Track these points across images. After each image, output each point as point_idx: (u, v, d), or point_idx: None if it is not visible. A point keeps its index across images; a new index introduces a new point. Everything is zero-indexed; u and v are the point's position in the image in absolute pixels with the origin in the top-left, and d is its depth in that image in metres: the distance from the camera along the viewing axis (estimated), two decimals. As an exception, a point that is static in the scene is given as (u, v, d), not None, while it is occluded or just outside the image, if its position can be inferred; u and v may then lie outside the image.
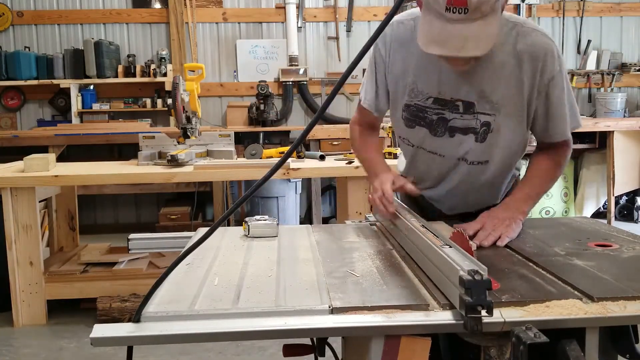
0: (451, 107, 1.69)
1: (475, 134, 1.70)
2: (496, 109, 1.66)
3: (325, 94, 6.53)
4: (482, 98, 1.66)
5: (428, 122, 1.74)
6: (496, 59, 1.61)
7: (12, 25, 6.39)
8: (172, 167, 3.73)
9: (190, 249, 1.22)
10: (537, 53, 1.61)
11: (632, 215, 6.32)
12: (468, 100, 1.67)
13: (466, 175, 1.78)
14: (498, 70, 1.62)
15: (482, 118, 1.67)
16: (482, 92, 1.65)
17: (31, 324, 3.65)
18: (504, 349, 1.12)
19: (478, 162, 1.74)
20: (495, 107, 1.66)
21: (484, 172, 1.77)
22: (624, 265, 1.40)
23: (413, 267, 1.41)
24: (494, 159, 1.74)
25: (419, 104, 1.73)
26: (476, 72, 1.62)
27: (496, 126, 1.67)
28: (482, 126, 1.68)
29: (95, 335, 1.09)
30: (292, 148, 1.16)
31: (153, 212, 6.45)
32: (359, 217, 3.11)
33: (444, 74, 1.66)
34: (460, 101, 1.68)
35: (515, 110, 1.66)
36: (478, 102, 1.66)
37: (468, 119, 1.69)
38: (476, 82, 1.64)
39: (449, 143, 1.73)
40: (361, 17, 6.54)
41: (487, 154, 1.73)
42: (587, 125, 5.86)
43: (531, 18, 6.56)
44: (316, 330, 1.14)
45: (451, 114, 1.70)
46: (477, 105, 1.67)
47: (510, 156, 1.76)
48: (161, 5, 6.46)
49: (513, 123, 1.68)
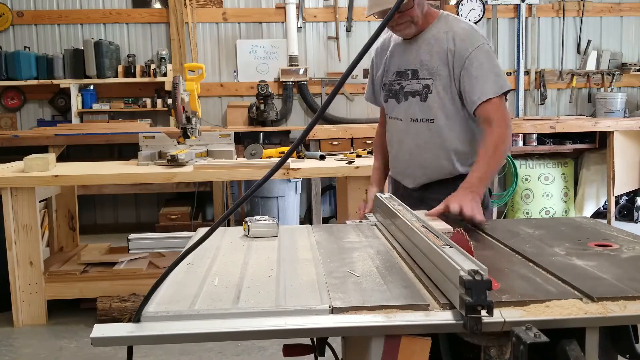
0: (404, 76, 2.23)
1: (419, 95, 2.19)
2: (433, 74, 2.15)
3: (325, 94, 6.53)
4: (422, 66, 2.17)
5: (394, 92, 2.28)
6: (432, 37, 2.16)
7: (12, 25, 6.39)
8: (172, 167, 3.73)
9: (190, 249, 1.22)
10: (460, 33, 2.11)
11: (632, 215, 6.32)
12: (413, 68, 2.20)
13: (417, 135, 2.21)
14: (433, 45, 2.15)
15: (423, 82, 2.18)
16: (421, 61, 2.18)
17: (31, 324, 3.65)
18: (504, 349, 1.12)
19: (425, 119, 2.19)
20: (432, 72, 2.15)
21: (432, 130, 2.18)
22: (624, 265, 1.40)
23: (413, 267, 1.41)
24: (438, 118, 2.17)
25: (390, 80, 2.30)
26: (418, 45, 2.19)
27: (434, 89, 2.15)
28: (424, 88, 2.17)
29: (95, 335, 1.09)
30: (292, 148, 1.16)
31: (153, 212, 6.45)
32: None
33: (401, 52, 2.25)
34: (410, 70, 2.22)
35: (445, 76, 2.13)
36: (420, 70, 2.18)
37: (414, 83, 2.20)
38: (418, 54, 2.19)
39: (405, 106, 2.24)
40: (361, 17, 6.53)
41: (431, 112, 2.17)
42: (587, 125, 5.86)
43: (531, 18, 6.57)
44: (316, 330, 1.14)
45: (405, 82, 2.23)
46: (420, 72, 2.19)
47: (449, 116, 2.16)
48: (161, 5, 6.46)
49: (445, 86, 2.13)
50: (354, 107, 6.64)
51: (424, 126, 2.19)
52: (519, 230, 1.79)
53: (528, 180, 6.09)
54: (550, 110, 6.79)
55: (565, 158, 6.21)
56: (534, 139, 6.00)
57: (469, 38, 2.10)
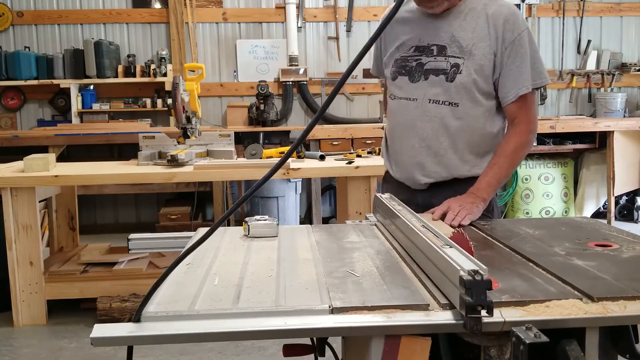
0: (427, 52, 1.97)
1: (445, 74, 1.93)
2: (465, 53, 1.91)
3: (325, 94, 6.53)
4: (453, 42, 1.92)
5: (408, 69, 2.00)
6: (468, 13, 1.92)
7: (12, 25, 6.39)
8: (172, 167, 3.73)
9: (190, 249, 1.22)
10: (506, 14, 1.90)
11: (632, 215, 6.32)
12: (441, 44, 1.94)
13: (435, 119, 1.96)
14: (469, 21, 1.91)
15: (452, 60, 1.93)
16: (452, 36, 1.93)
17: (31, 324, 3.65)
18: (504, 349, 1.12)
19: (448, 102, 1.94)
20: (465, 50, 1.91)
21: (455, 115, 1.94)
22: (624, 265, 1.40)
23: (413, 267, 1.41)
24: (463, 102, 1.93)
25: (404, 55, 2.02)
26: (448, 20, 1.94)
27: (465, 68, 1.91)
28: (452, 67, 1.92)
29: (95, 335, 1.09)
30: (292, 148, 1.16)
31: (153, 212, 6.45)
32: (359, 217, 3.11)
33: (423, 25, 1.98)
34: (435, 45, 1.95)
35: (481, 56, 1.90)
36: (449, 46, 1.93)
37: (440, 60, 1.94)
38: (448, 28, 1.93)
39: (423, 86, 1.97)
40: (361, 17, 6.54)
41: (457, 95, 1.93)
42: (587, 125, 5.86)
43: (531, 18, 6.57)
44: (316, 330, 1.14)
45: (427, 58, 1.97)
46: (449, 48, 1.93)
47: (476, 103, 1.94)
48: (161, 5, 6.46)
49: (478, 68, 1.90)
50: (354, 107, 6.64)
51: (445, 109, 1.94)
52: (519, 230, 1.79)
53: (528, 180, 6.09)
54: (550, 110, 6.79)
55: (565, 158, 6.21)
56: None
57: (514, 20, 1.89)
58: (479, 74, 1.91)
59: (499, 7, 1.92)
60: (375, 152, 4.04)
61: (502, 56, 1.89)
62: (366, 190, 3.70)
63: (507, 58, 1.89)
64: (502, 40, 1.88)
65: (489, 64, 1.90)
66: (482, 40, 1.89)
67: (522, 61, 1.89)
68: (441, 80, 1.94)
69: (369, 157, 4.00)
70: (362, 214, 3.55)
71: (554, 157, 6.17)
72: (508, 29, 1.88)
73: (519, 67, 1.89)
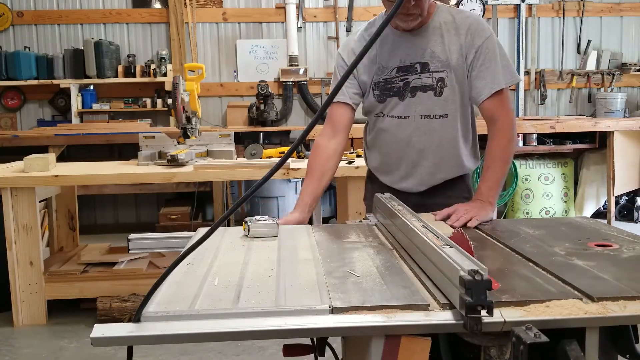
0: (411, 70, 2.06)
1: (433, 89, 2.06)
2: (446, 66, 2.03)
3: (325, 94, 6.52)
4: (433, 57, 2.04)
5: (396, 90, 2.09)
6: (439, 28, 2.04)
7: (12, 25, 6.39)
8: (172, 167, 3.73)
9: (190, 249, 1.22)
10: (471, 22, 2.03)
11: (632, 215, 6.32)
12: (422, 61, 2.05)
13: (430, 132, 2.08)
14: (442, 36, 2.04)
15: (436, 75, 2.04)
16: (432, 52, 2.04)
17: (31, 324, 3.65)
18: (504, 349, 1.12)
19: (439, 115, 2.07)
20: (445, 64, 2.03)
21: (446, 125, 2.08)
22: (624, 265, 1.40)
23: (413, 267, 1.41)
24: (452, 112, 2.07)
25: (387, 77, 2.10)
26: (425, 37, 2.05)
27: (449, 82, 2.04)
28: (438, 82, 2.05)
29: (95, 335, 1.09)
30: (292, 148, 1.16)
31: (153, 212, 6.44)
32: (359, 217, 3.11)
33: (401, 46, 2.07)
34: (418, 63, 2.06)
35: (459, 67, 2.03)
36: (431, 62, 2.04)
37: (425, 77, 2.05)
38: (426, 45, 2.05)
39: (413, 103, 2.08)
40: (361, 17, 6.53)
41: (446, 107, 2.06)
42: (587, 125, 5.86)
43: (531, 18, 6.57)
44: (316, 330, 1.14)
45: (412, 76, 2.06)
46: (431, 64, 2.04)
47: (462, 110, 2.08)
48: (161, 5, 6.46)
49: (459, 78, 2.04)
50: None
51: (437, 122, 2.08)
52: (519, 230, 1.79)
53: (528, 180, 6.09)
54: (550, 110, 6.79)
55: (565, 158, 6.21)
56: (534, 139, 6.00)
57: (480, 28, 2.03)
58: (460, 84, 2.05)
59: (465, 17, 2.06)
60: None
61: (473, 61, 2.02)
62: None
63: (477, 62, 2.01)
64: (471, 46, 2.01)
65: (464, 71, 2.04)
66: (455, 51, 2.02)
67: (492, 63, 2.01)
68: (430, 96, 2.06)
69: (369, 157, 4.00)
70: (362, 214, 3.54)
71: (554, 157, 6.17)
72: (476, 36, 2.01)
73: (489, 68, 2.01)
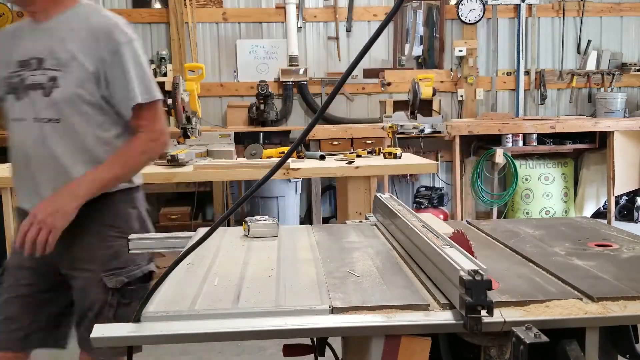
0: (27, 65, 1.85)
1: (42, 89, 1.81)
2: (62, 65, 1.80)
3: (325, 94, 6.53)
4: (51, 54, 1.82)
5: (13, 87, 1.86)
6: (70, 25, 1.84)
7: (12, 25, 6.39)
8: (172, 167, 3.73)
9: (191, 249, 1.22)
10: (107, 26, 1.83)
11: (632, 215, 6.32)
12: (39, 56, 1.83)
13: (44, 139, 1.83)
14: (70, 33, 1.82)
15: (49, 73, 1.81)
16: (52, 49, 1.82)
17: (31, 324, 3.64)
18: (504, 349, 1.12)
19: (49, 119, 1.82)
20: (62, 63, 1.80)
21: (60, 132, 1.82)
22: (624, 265, 1.41)
23: (413, 267, 1.41)
24: (67, 116, 1.82)
25: (10, 72, 1.87)
26: (51, 31, 1.84)
27: (63, 82, 1.80)
28: (50, 80, 1.81)
29: (95, 335, 1.09)
30: (292, 148, 1.16)
31: (153, 212, 6.41)
32: (359, 217, 3.11)
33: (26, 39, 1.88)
34: (35, 58, 1.84)
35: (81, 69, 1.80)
36: (47, 59, 1.82)
37: (38, 74, 1.82)
38: (49, 40, 1.83)
39: (26, 103, 1.84)
40: (361, 17, 6.54)
41: (57, 110, 1.81)
42: (587, 125, 5.86)
43: (531, 18, 6.57)
44: (316, 330, 1.14)
45: (27, 73, 1.84)
46: (46, 61, 1.82)
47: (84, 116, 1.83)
48: (161, 5, 6.46)
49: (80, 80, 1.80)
50: (354, 107, 6.64)
51: (49, 127, 1.82)
52: (519, 230, 1.79)
53: (528, 180, 6.09)
54: (550, 110, 6.79)
55: (565, 158, 6.21)
56: (534, 139, 6.00)
57: (115, 33, 1.82)
58: (82, 87, 1.81)
59: (102, 19, 1.85)
60: (376, 152, 4.04)
61: (105, 69, 1.81)
62: (366, 190, 3.70)
63: (110, 70, 1.81)
64: (103, 51, 1.80)
65: (91, 76, 1.81)
66: (82, 53, 1.80)
67: (124, 74, 1.82)
68: (39, 96, 1.82)
69: (369, 157, 4.00)
70: (362, 214, 3.55)
71: (554, 157, 6.17)
72: (108, 42, 1.81)
73: (123, 80, 1.82)
